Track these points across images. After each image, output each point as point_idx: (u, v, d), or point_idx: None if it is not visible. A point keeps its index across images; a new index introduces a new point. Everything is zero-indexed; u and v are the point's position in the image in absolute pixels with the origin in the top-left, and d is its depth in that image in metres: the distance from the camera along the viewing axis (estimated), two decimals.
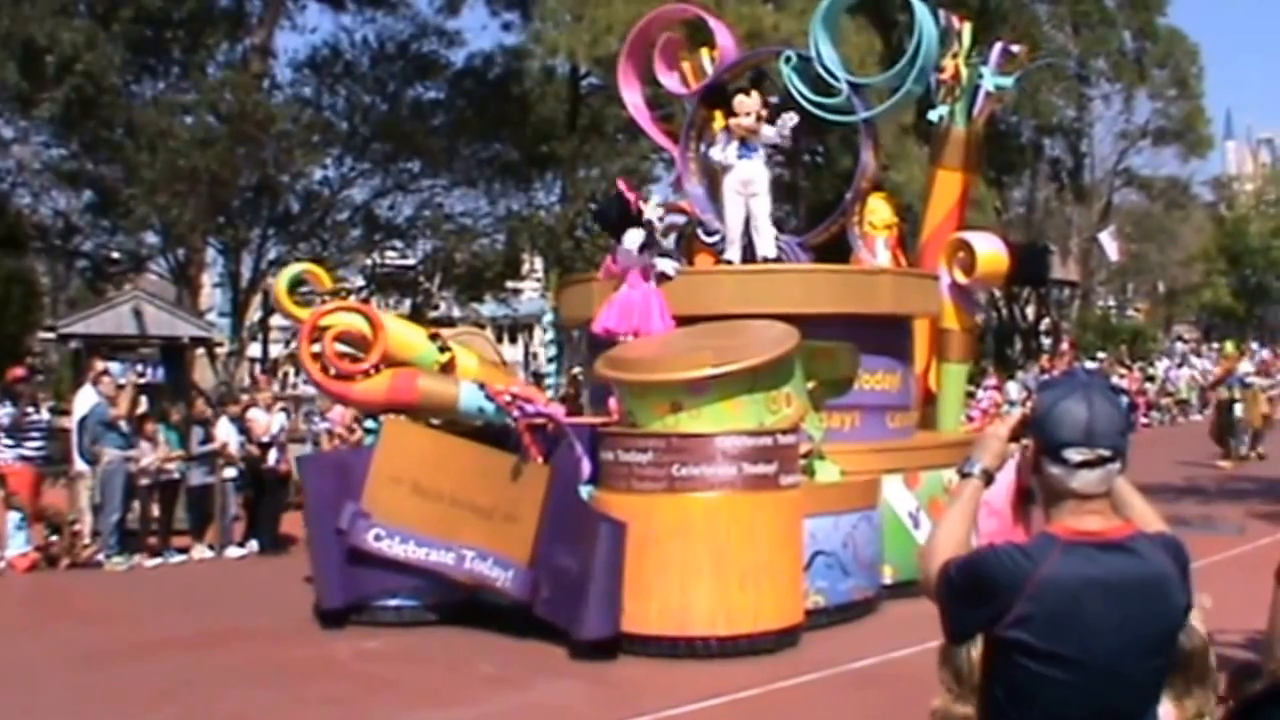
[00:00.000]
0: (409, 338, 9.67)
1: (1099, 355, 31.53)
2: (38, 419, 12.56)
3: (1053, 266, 38.78)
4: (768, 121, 10.45)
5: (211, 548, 12.73)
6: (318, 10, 29.32)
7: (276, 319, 27.09)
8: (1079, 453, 2.51)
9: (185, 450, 12.81)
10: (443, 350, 9.49)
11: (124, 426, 12.31)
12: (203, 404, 14.82)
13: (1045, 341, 38.57)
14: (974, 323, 12.80)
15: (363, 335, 9.24)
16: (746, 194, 10.59)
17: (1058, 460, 2.54)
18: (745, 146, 10.53)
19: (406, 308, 29.62)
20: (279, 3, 27.16)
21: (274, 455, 13.13)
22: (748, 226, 10.66)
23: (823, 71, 11.31)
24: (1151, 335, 45.52)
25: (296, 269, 10.55)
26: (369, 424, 11.44)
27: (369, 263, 32.04)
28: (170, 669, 8.16)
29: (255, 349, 32.22)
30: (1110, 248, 34.37)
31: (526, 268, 33.70)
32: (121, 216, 24.38)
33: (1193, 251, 48.92)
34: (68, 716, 7.24)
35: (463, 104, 28.71)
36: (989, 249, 11.43)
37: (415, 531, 8.76)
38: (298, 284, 10.37)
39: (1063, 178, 39.95)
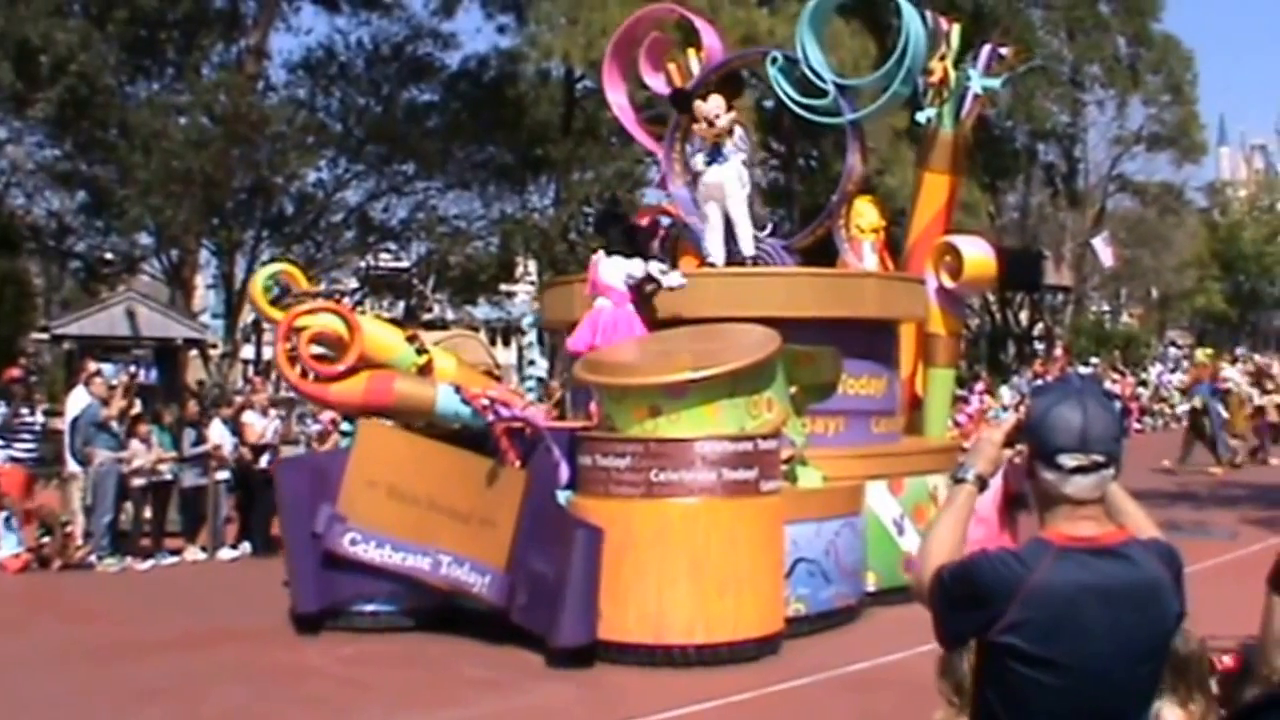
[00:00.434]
0: (386, 339, 9.49)
1: (1092, 361, 31.52)
2: (30, 420, 12.55)
3: (1046, 272, 38.92)
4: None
5: (204, 549, 12.68)
6: (312, 12, 29.41)
7: None
8: (1073, 458, 2.50)
9: (178, 452, 12.78)
10: (420, 352, 9.34)
11: (116, 427, 12.28)
12: (193, 406, 14.76)
13: (1039, 347, 38.65)
14: (961, 328, 12.70)
15: (339, 336, 9.07)
16: (720, 198, 10.35)
17: (1052, 466, 2.52)
18: (715, 151, 10.35)
19: (400, 310, 29.63)
20: (274, 4, 27.17)
21: (266, 458, 13.09)
22: (730, 230, 10.49)
23: (809, 73, 11.16)
24: (1145, 341, 45.69)
25: (274, 269, 10.23)
26: (345, 426, 11.26)
27: (363, 265, 32.06)
28: (159, 669, 8.13)
29: (249, 350, 32.20)
30: (1104, 253, 34.46)
31: (520, 271, 33.67)
32: (115, 217, 24.36)
33: (1186, 257, 48.96)
34: (53, 715, 7.22)
35: (457, 106, 28.72)
36: (976, 253, 11.29)
37: (391, 536, 8.62)
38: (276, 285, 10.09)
39: (1056, 183, 40.07)
